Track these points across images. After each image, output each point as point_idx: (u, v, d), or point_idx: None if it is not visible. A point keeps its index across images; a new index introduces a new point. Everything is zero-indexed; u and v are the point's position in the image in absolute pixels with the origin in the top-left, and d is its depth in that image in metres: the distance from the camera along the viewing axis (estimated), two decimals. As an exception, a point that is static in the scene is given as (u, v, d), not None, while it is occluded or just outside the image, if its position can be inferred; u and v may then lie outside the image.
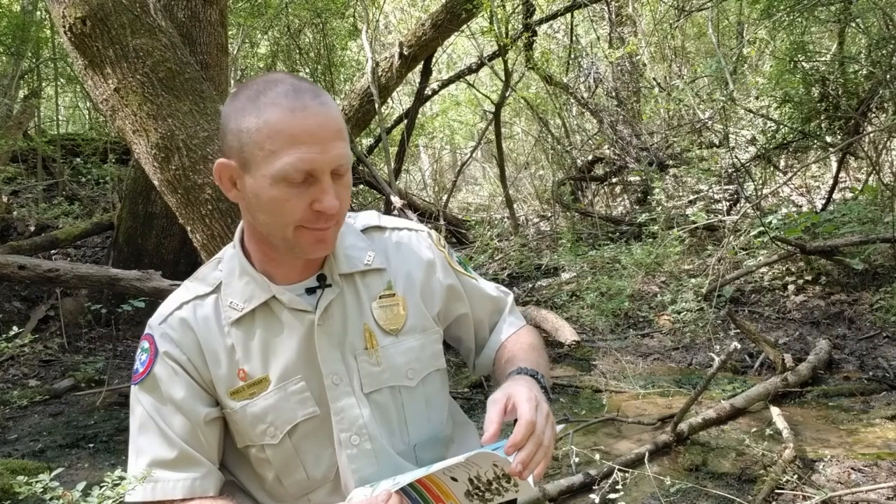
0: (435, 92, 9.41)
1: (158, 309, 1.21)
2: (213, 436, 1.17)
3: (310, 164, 1.04)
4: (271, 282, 1.19)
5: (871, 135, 7.08)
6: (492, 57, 8.45)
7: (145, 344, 1.17)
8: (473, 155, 11.78)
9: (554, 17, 8.91)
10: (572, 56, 9.81)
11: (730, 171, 7.75)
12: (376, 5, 9.72)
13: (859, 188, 7.22)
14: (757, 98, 8.35)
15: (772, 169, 8.04)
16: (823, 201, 7.55)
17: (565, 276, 7.24)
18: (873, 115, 7.18)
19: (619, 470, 3.14)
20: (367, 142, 9.36)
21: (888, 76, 6.34)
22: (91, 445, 4.34)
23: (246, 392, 1.15)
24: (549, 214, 9.97)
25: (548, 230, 9.53)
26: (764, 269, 6.15)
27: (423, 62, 8.02)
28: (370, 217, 1.33)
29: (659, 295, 6.30)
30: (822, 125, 7.24)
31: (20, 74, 8.26)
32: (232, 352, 1.16)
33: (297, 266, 1.20)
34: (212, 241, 2.92)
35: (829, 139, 7.20)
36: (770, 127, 7.72)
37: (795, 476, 3.10)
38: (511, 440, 1.02)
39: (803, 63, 7.01)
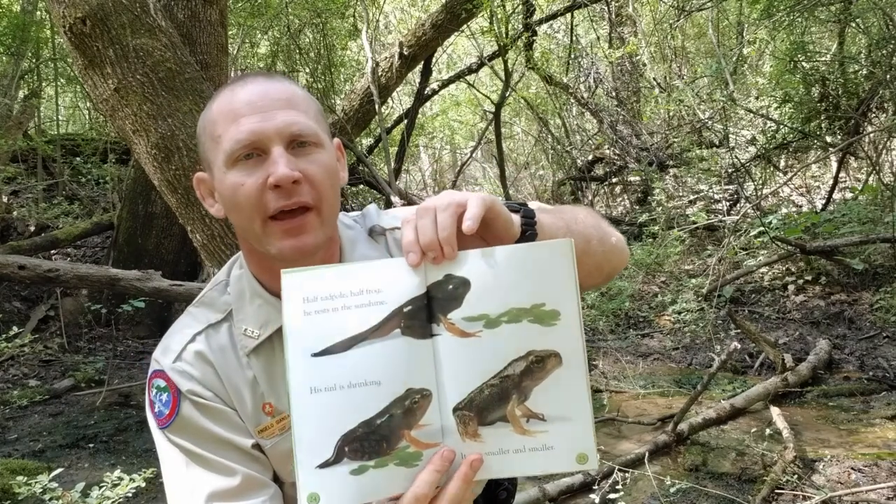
0: (435, 92, 9.42)
1: (166, 342, 1.07)
2: (264, 458, 1.05)
3: (251, 133, 0.94)
4: None
5: (871, 135, 7.07)
6: (492, 57, 8.44)
7: (161, 383, 1.03)
8: (473, 155, 11.78)
9: (554, 17, 8.91)
10: (572, 56, 9.80)
11: (730, 171, 7.75)
12: (376, 5, 9.72)
13: (859, 188, 7.22)
14: (757, 98, 8.35)
15: (772, 169, 8.04)
16: (823, 201, 7.55)
17: (565, 276, 7.23)
18: (873, 115, 7.18)
19: (620, 470, 3.14)
20: (367, 142, 9.36)
21: (888, 76, 6.34)
22: (91, 445, 4.34)
23: (275, 428, 1.04)
24: (549, 214, 9.95)
25: (548, 230, 9.52)
26: (764, 269, 6.15)
27: (423, 62, 8.02)
28: (370, 217, 1.18)
29: (659, 295, 6.30)
30: (822, 125, 7.24)
31: (20, 74, 8.26)
32: (255, 385, 1.04)
33: None
34: (212, 241, 2.92)
35: (829, 139, 7.20)
36: (770, 127, 7.72)
37: (795, 476, 3.10)
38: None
39: (803, 63, 7.01)
